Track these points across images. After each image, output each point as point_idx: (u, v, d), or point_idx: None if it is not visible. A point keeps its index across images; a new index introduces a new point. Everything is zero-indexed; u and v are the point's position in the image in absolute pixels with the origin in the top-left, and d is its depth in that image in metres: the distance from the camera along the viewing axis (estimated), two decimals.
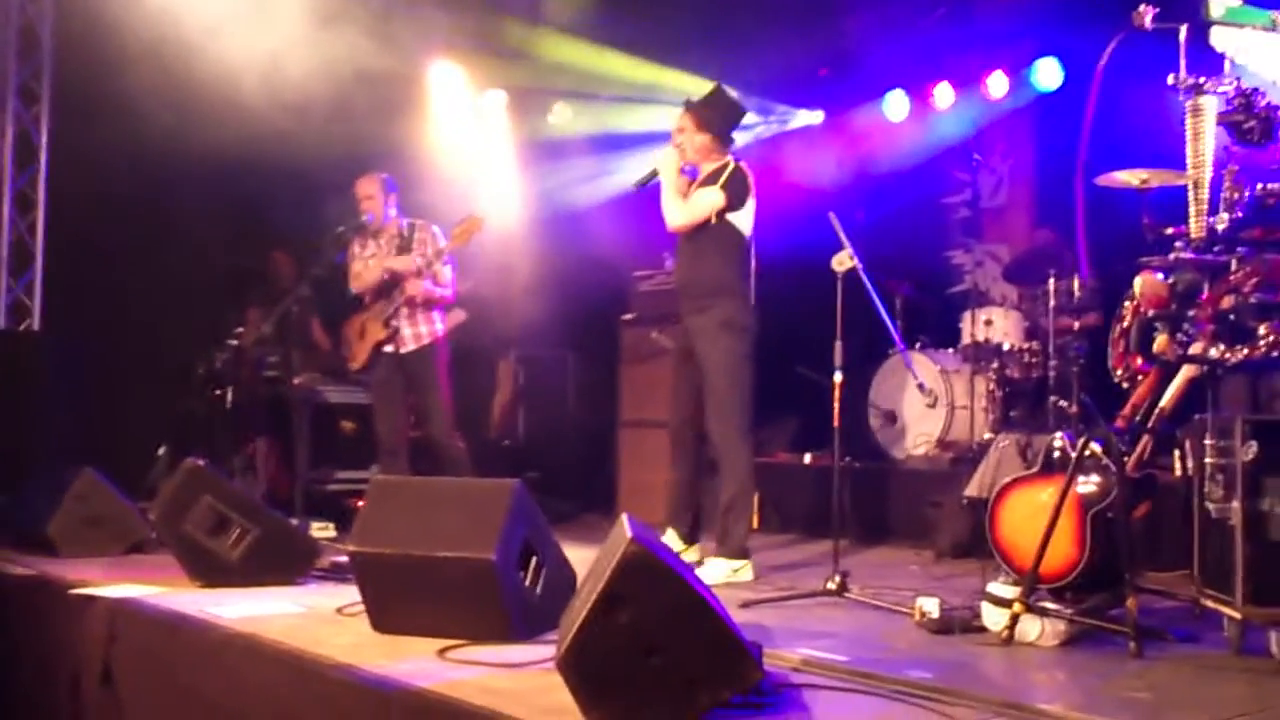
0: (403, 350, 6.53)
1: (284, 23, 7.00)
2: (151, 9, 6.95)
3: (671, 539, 5.65)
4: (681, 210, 5.55)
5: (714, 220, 5.52)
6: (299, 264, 7.62)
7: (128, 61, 6.97)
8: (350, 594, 4.32)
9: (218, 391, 7.57)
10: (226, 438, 7.57)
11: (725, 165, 5.58)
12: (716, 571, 5.34)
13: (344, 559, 4.63)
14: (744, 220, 5.58)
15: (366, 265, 6.70)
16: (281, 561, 5.14)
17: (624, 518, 3.53)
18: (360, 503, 4.42)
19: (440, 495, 4.22)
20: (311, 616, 4.40)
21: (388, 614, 4.11)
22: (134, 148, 7.49)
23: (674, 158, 5.65)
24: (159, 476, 7.30)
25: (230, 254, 8.40)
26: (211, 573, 5.00)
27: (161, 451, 7.65)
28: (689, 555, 5.60)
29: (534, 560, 4.08)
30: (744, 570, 5.40)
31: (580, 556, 4.17)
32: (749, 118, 7.86)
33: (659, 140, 8.98)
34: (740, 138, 6.13)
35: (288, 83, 7.08)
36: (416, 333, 6.58)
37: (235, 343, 7.32)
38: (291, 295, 6.86)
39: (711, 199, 5.50)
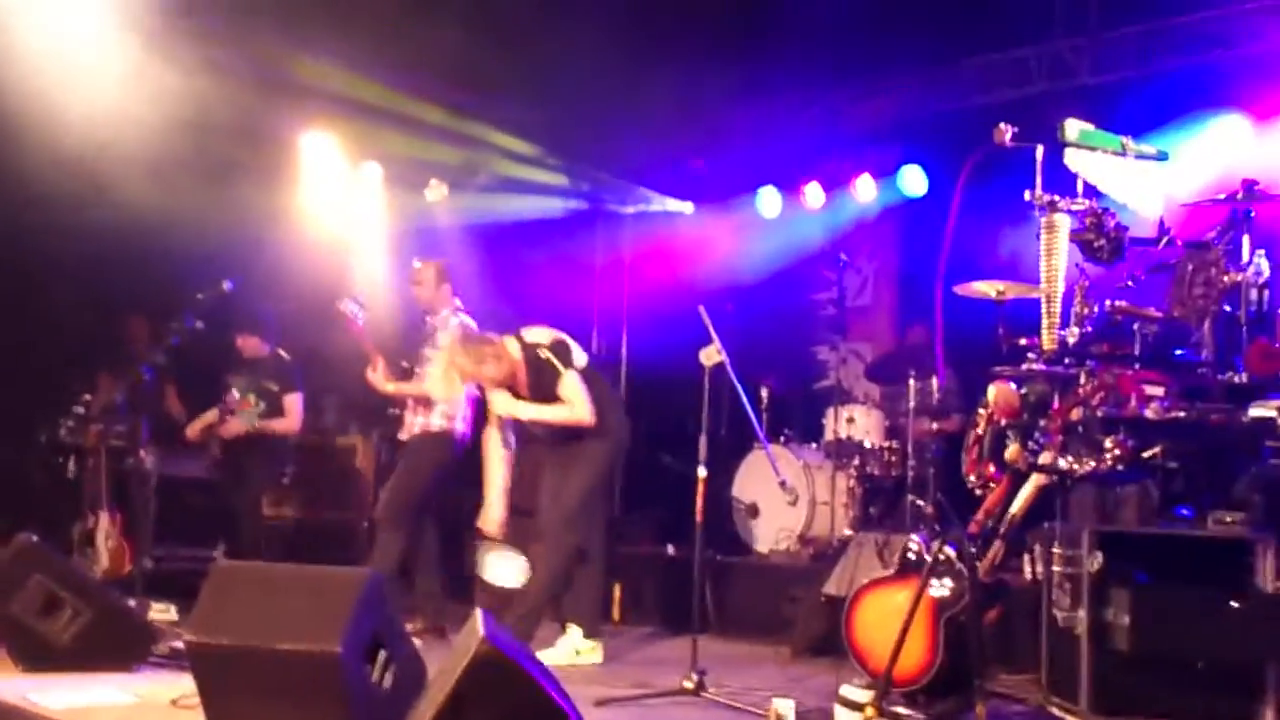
0: (400, 436, 6.52)
1: (148, 85, 6.83)
2: (9, 72, 6.72)
3: (574, 635, 5.73)
4: (574, 412, 5.60)
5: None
6: (156, 330, 7.37)
7: None
8: (189, 683, 4.12)
9: (60, 460, 7.25)
10: (67, 510, 7.24)
11: (539, 356, 5.63)
12: (564, 649, 5.63)
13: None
14: (580, 360, 5.71)
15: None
16: (116, 646, 4.90)
17: (478, 613, 3.44)
18: None
19: (287, 583, 4.05)
20: (144, 707, 4.23)
21: (226, 708, 3.91)
22: None
23: (504, 394, 5.67)
24: None
25: (85, 318, 8.10)
26: (39, 657, 4.76)
27: None
28: (596, 655, 5.71)
29: (382, 654, 3.94)
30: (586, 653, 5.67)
31: (437, 651, 4.07)
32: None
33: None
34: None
35: (150, 145, 6.90)
36: (412, 421, 6.45)
37: (81, 410, 7.01)
38: (142, 362, 6.63)
39: (574, 384, 5.60)
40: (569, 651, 5.62)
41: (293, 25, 7.04)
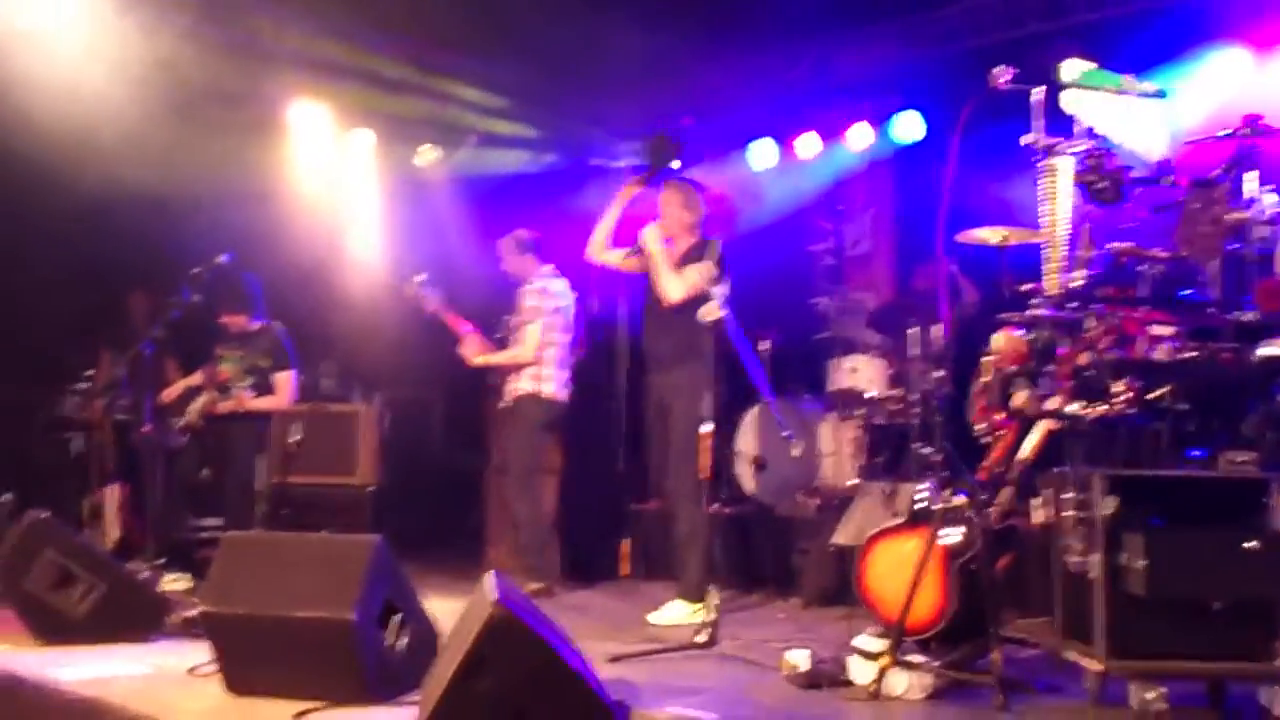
0: (500, 405, 6.73)
1: (141, 58, 6.75)
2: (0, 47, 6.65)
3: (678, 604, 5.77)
4: (679, 286, 5.90)
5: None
6: (157, 304, 7.33)
7: None
8: (203, 653, 4.15)
9: (64, 436, 7.24)
10: (74, 485, 7.24)
11: (711, 243, 5.96)
12: (677, 613, 5.65)
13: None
14: (721, 292, 5.70)
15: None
16: (130, 618, 4.95)
17: (488, 577, 3.45)
18: None
19: (297, 552, 4.08)
20: (161, 678, 4.25)
21: (243, 675, 3.95)
22: None
23: (658, 233, 6.04)
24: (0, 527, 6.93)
25: (86, 293, 8.06)
26: (56, 631, 4.82)
27: (3, 500, 7.27)
28: (701, 615, 5.45)
29: (395, 619, 3.96)
30: (700, 612, 5.35)
31: (446, 609, 4.10)
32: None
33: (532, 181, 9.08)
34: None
35: (140, 117, 6.84)
36: (509, 389, 6.68)
37: (85, 385, 7.00)
38: (143, 336, 6.60)
39: (707, 274, 5.81)
40: (681, 613, 5.65)
41: None
